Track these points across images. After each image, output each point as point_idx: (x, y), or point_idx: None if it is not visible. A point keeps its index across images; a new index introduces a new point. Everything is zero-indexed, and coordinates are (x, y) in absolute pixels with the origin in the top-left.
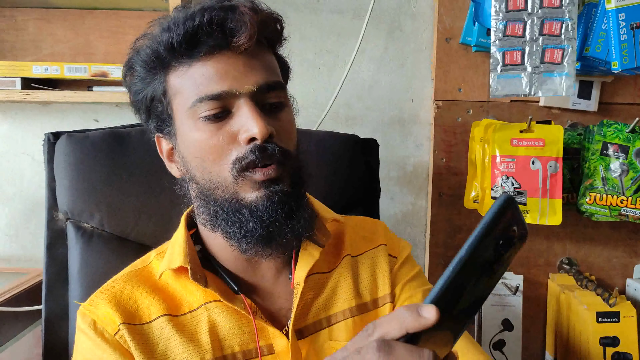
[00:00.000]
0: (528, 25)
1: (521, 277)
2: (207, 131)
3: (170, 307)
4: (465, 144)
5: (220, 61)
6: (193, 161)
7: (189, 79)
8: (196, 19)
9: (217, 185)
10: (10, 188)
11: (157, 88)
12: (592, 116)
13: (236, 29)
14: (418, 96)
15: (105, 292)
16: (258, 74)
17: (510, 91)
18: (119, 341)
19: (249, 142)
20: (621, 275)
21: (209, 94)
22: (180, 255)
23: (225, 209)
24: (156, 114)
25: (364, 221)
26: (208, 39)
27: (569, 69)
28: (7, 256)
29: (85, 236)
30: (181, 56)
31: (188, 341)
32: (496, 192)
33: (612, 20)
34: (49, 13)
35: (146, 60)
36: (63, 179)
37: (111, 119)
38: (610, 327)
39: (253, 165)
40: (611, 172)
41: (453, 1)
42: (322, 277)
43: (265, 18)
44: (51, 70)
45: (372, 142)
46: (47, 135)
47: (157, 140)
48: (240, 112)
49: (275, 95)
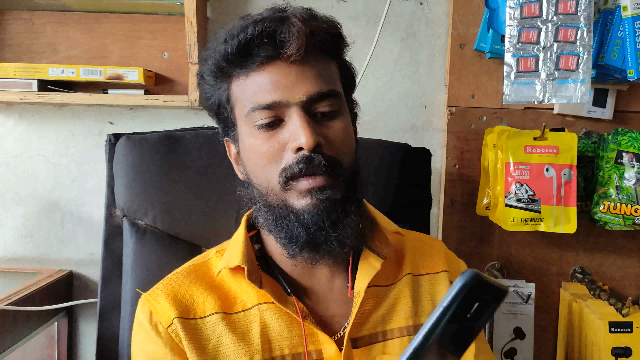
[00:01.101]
0: (543, 31)
1: (533, 286)
2: (260, 138)
3: (224, 305)
4: (478, 150)
5: (273, 71)
6: (250, 166)
7: (246, 88)
8: (248, 32)
9: (268, 191)
10: (25, 189)
11: (222, 95)
12: (607, 124)
13: (285, 40)
14: (431, 102)
15: (165, 284)
16: (309, 84)
17: (524, 98)
18: (170, 335)
19: (297, 151)
20: (635, 285)
21: (262, 103)
22: (239, 256)
23: (275, 214)
24: (222, 119)
25: (423, 239)
26: (260, 51)
27: (584, 76)
28: (21, 256)
29: (139, 232)
30: (238, 66)
31: (239, 339)
32: (510, 199)
33: (628, 28)
34: (66, 16)
35: (211, 69)
36: (121, 178)
37: (125, 121)
38: (623, 337)
39: (298, 176)
40: (625, 181)
41: (467, 7)
42: (381, 290)
43: (316, 28)
44: (67, 73)
45: (424, 152)
46: (108, 136)
47: (226, 143)
48: (290, 121)
49: (328, 104)
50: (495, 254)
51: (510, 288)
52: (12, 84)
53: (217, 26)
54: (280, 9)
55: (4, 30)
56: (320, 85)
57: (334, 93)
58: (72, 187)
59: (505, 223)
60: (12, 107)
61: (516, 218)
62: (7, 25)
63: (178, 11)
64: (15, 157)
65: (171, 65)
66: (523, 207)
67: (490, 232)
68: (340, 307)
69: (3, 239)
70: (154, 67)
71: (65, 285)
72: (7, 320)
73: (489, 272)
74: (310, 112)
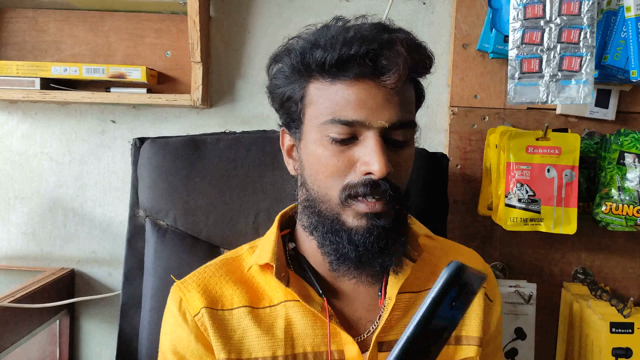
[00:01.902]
0: (546, 32)
1: (535, 286)
2: (330, 150)
3: (252, 300)
4: (480, 151)
5: (362, 89)
6: (309, 169)
7: (328, 95)
8: (353, 48)
9: (324, 200)
10: (28, 187)
11: (296, 91)
12: (610, 125)
13: (388, 69)
14: (434, 102)
15: (197, 275)
16: (394, 111)
17: (527, 99)
18: (197, 323)
19: (366, 174)
20: (637, 286)
21: (343, 118)
22: (269, 253)
23: (326, 226)
24: (288, 112)
25: (459, 249)
26: (358, 69)
27: (587, 77)
28: (24, 254)
29: (161, 232)
30: (328, 74)
31: (263, 334)
32: (510, 199)
33: (632, 28)
34: (70, 15)
35: (294, 64)
36: (145, 179)
37: (128, 120)
38: (624, 338)
39: (359, 197)
40: (627, 182)
41: (470, 8)
42: (412, 297)
43: (418, 61)
44: (70, 71)
45: (442, 156)
46: (134, 140)
47: (282, 133)
48: (366, 142)
49: (404, 134)
50: (497, 254)
51: (512, 288)
52: (15, 82)
53: (220, 25)
54: (384, 27)
55: (8, 28)
56: (402, 114)
57: (412, 124)
58: (75, 185)
59: (505, 223)
60: (15, 105)
61: (516, 218)
62: (11, 23)
63: (181, 10)
64: (19, 155)
65: (174, 64)
66: (523, 208)
67: (492, 232)
68: (369, 310)
69: (6, 237)
70: (157, 66)
71: (67, 283)
72: (9, 318)
73: None
74: (386, 138)
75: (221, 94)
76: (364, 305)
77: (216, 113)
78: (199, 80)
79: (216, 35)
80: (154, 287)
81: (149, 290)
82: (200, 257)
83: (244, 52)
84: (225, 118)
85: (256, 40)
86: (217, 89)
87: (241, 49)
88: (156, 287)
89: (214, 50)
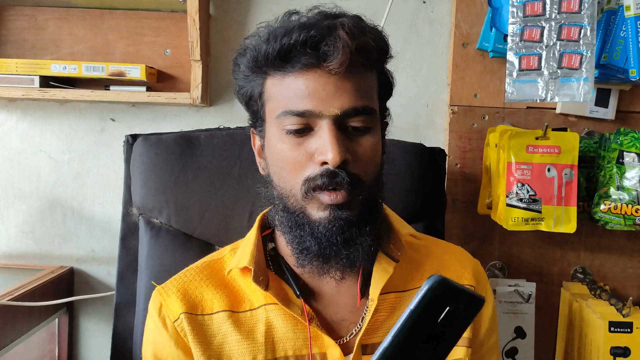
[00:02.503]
0: (546, 30)
1: (534, 285)
2: (288, 143)
3: (232, 304)
4: (480, 150)
5: (311, 79)
6: (273, 167)
7: (281, 89)
8: (292, 37)
9: (289, 195)
10: (27, 186)
11: (255, 89)
12: (609, 124)
13: (329, 54)
14: (434, 101)
15: (178, 279)
16: (346, 98)
17: (526, 96)
18: (176, 329)
19: (322, 164)
20: (636, 285)
21: (294, 110)
22: (248, 256)
23: (291, 220)
24: (252, 111)
25: (448, 247)
26: (301, 58)
27: (588, 74)
28: (23, 253)
29: (154, 230)
30: (276, 67)
31: (244, 338)
32: (511, 199)
33: (631, 27)
34: (69, 13)
35: (248, 63)
36: (138, 177)
37: (128, 118)
38: (623, 337)
39: (320, 189)
40: (627, 181)
41: (470, 7)
42: (398, 296)
43: (363, 44)
44: (69, 69)
45: (439, 151)
46: (126, 137)
47: (252, 134)
48: (320, 132)
49: (361, 120)
50: (497, 254)
51: (511, 287)
52: (14, 80)
53: (219, 23)
54: (329, 14)
55: (7, 26)
56: (356, 100)
57: (369, 110)
58: (74, 183)
59: (506, 222)
60: (14, 103)
61: (517, 218)
62: (10, 21)
63: (181, 8)
64: (18, 154)
65: (173, 62)
66: (524, 207)
67: (492, 232)
68: (351, 311)
69: (5, 235)
70: (156, 64)
71: (66, 281)
72: (8, 316)
73: (489, 271)
74: (342, 126)
75: (221, 93)
76: (346, 307)
77: (216, 111)
78: (198, 79)
79: (216, 33)
80: (148, 285)
81: (142, 289)
82: (195, 255)
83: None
84: (225, 116)
85: None
86: (216, 87)
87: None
88: (150, 285)
89: (214, 48)
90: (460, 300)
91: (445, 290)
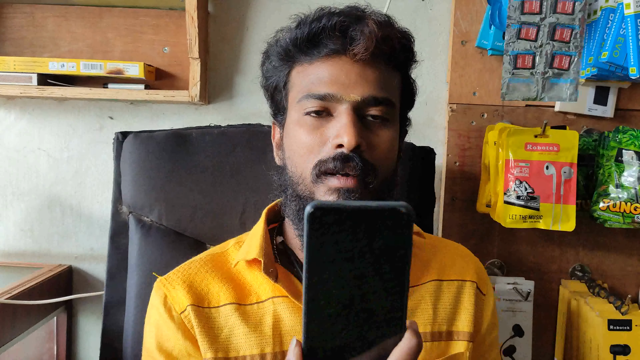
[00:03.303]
0: (541, 29)
1: (532, 283)
2: (306, 127)
3: (239, 296)
4: (479, 148)
5: (335, 65)
6: (289, 152)
7: (305, 75)
8: (322, 22)
9: (299, 181)
10: (26, 184)
11: (281, 79)
12: (608, 122)
13: (355, 38)
14: (432, 99)
15: (182, 271)
16: (367, 86)
17: (520, 95)
18: (183, 320)
19: (337, 147)
20: (634, 283)
21: (316, 93)
22: (256, 249)
23: (300, 205)
24: (275, 102)
25: (450, 244)
26: (329, 42)
27: (575, 76)
28: (22, 251)
29: (145, 229)
30: (303, 53)
31: (251, 331)
32: (509, 196)
33: (631, 25)
34: (68, 10)
35: (279, 51)
36: (128, 174)
37: (126, 116)
38: (622, 335)
39: (332, 172)
40: (625, 179)
41: (469, 4)
42: None
43: (389, 35)
44: (67, 67)
45: (429, 151)
46: (116, 134)
47: (273, 126)
48: (338, 117)
49: (381, 110)
50: (496, 252)
51: (510, 285)
52: (12, 77)
53: (218, 21)
54: (359, 8)
55: (5, 23)
56: (377, 91)
57: (389, 102)
58: (73, 182)
59: (504, 220)
60: (13, 101)
61: (515, 215)
62: (8, 18)
63: (179, 6)
64: (16, 152)
65: (172, 60)
66: (522, 205)
67: (491, 230)
68: None
69: (4, 233)
70: (155, 62)
71: (64, 280)
72: (6, 315)
73: (488, 269)
74: (361, 114)
75: (219, 90)
76: None
77: (214, 109)
78: (197, 77)
79: (214, 31)
80: (138, 284)
81: (133, 288)
82: (186, 254)
83: (243, 48)
84: (224, 114)
85: (255, 36)
86: (215, 85)
87: (240, 45)
88: (141, 284)
89: (213, 46)
90: (383, 219)
91: (329, 217)
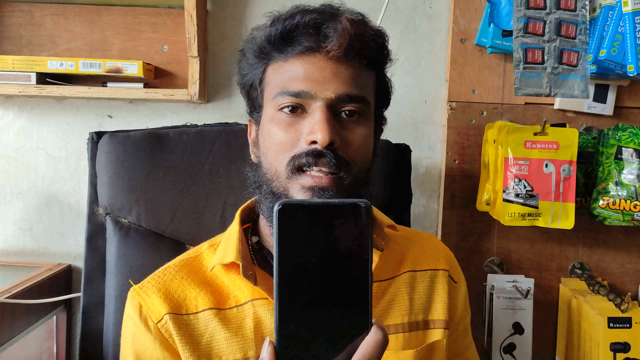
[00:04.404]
0: (547, 24)
1: (532, 281)
2: (280, 124)
3: (217, 301)
4: (478, 146)
5: (310, 62)
6: (264, 149)
7: (280, 73)
8: (296, 18)
9: (274, 178)
10: (25, 182)
11: (256, 76)
12: (608, 120)
13: (329, 35)
14: (432, 97)
15: (156, 279)
16: (341, 84)
17: (532, 91)
18: (160, 330)
19: (310, 144)
20: (634, 281)
21: (290, 90)
22: (234, 252)
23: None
24: (251, 100)
25: (421, 235)
26: (302, 39)
27: (584, 72)
28: (21, 250)
29: (123, 231)
30: (278, 51)
31: (232, 336)
32: (508, 194)
33: (629, 23)
34: (66, 9)
35: (254, 49)
36: (104, 175)
37: (125, 115)
38: (622, 332)
39: (305, 167)
40: (625, 177)
41: (469, 2)
42: (380, 286)
43: (362, 32)
44: (66, 66)
45: (404, 148)
46: (90, 134)
47: (249, 124)
48: (312, 114)
49: (355, 107)
50: (495, 250)
51: (510, 283)
52: (11, 76)
53: (217, 19)
54: (333, 6)
55: (4, 22)
56: (351, 88)
57: (363, 99)
58: (72, 180)
59: (503, 218)
60: (11, 99)
61: (514, 213)
62: (6, 17)
63: (178, 4)
64: (15, 150)
65: (171, 58)
66: (521, 203)
67: (490, 228)
68: None
69: (3, 232)
70: (153, 60)
71: (64, 278)
72: (6, 314)
73: (488, 267)
74: (335, 111)
75: (218, 89)
76: None
77: (213, 108)
78: (196, 75)
79: (213, 29)
80: (118, 287)
81: (112, 291)
82: (166, 255)
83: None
84: (223, 113)
85: None
86: (214, 84)
87: (238, 43)
88: (120, 287)
89: (212, 44)
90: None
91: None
